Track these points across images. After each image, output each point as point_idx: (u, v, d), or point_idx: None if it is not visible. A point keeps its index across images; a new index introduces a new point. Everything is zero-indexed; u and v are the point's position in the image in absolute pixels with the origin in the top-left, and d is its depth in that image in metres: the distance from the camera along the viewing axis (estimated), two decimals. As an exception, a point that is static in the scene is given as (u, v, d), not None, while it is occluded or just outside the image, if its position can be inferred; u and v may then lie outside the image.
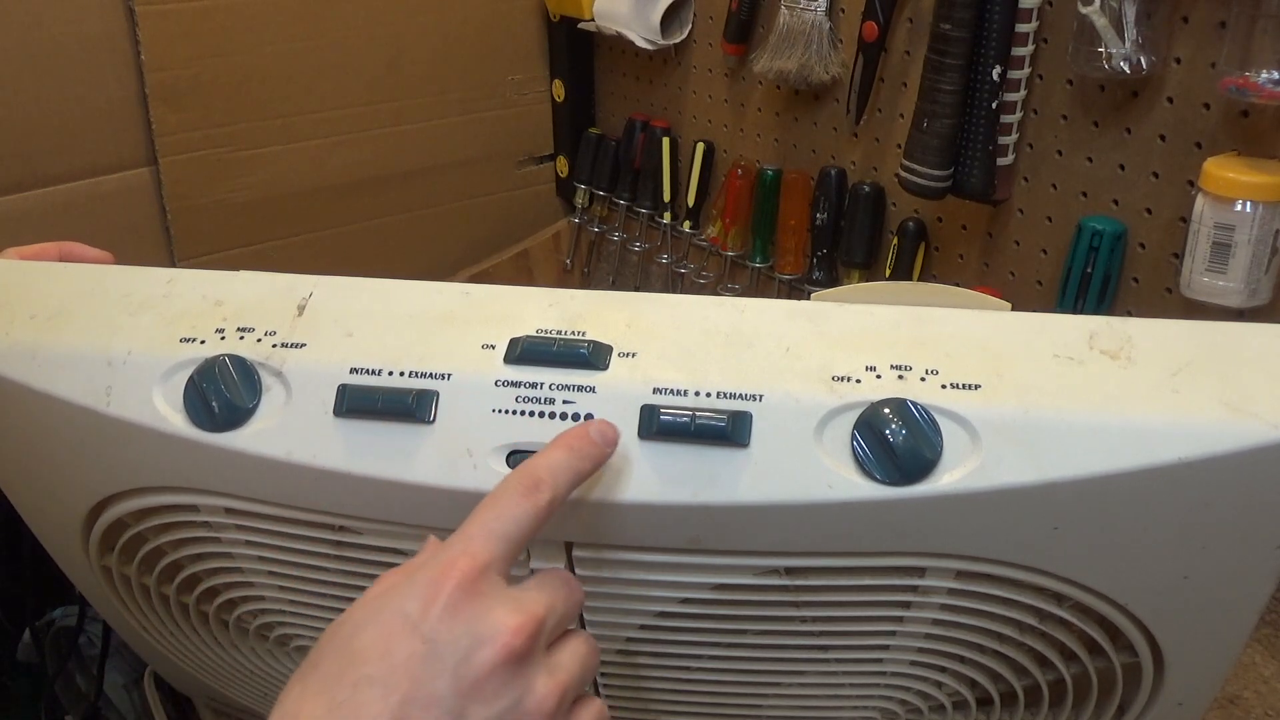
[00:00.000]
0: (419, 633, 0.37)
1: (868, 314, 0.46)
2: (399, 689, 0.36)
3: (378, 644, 0.37)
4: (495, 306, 0.48)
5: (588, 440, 0.42)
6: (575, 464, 0.42)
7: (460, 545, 0.39)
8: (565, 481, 0.41)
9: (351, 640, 0.37)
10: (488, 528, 0.40)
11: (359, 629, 0.38)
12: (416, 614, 0.37)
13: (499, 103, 1.39)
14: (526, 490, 0.40)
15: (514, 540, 0.40)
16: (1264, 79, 0.72)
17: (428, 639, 0.37)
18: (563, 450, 0.42)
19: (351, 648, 0.37)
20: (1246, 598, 0.45)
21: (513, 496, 0.40)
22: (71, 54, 1.09)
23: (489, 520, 0.40)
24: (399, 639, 0.37)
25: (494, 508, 0.40)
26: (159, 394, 0.48)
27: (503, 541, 0.40)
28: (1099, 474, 0.41)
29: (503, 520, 0.40)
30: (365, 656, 0.37)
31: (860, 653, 0.50)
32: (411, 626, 0.37)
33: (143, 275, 0.51)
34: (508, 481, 0.41)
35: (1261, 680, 0.77)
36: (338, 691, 0.36)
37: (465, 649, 0.37)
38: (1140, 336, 0.43)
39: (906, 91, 1.00)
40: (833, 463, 0.43)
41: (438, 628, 0.37)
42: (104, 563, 0.57)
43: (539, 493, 0.40)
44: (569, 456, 0.42)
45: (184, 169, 1.18)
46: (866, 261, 1.08)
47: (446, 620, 0.37)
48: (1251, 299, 0.76)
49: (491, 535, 0.39)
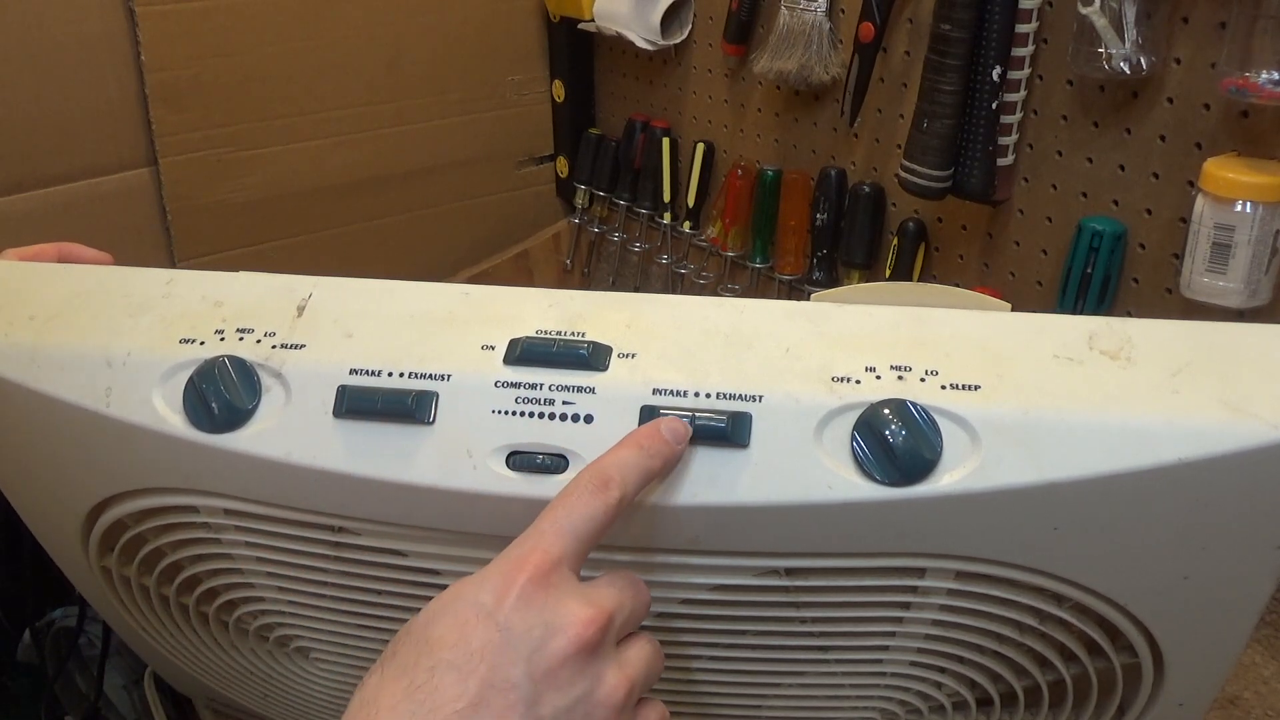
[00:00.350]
0: (494, 621, 0.38)
1: (867, 314, 0.46)
2: (476, 673, 0.37)
3: (453, 632, 0.38)
4: (495, 307, 0.48)
5: (659, 438, 0.43)
6: (645, 462, 0.42)
7: (533, 540, 0.40)
8: (635, 479, 0.42)
9: (427, 629, 0.38)
10: (559, 524, 0.40)
11: (434, 619, 0.38)
12: (491, 604, 0.38)
13: (499, 103, 1.39)
14: (597, 488, 0.41)
15: (585, 537, 0.41)
16: (1264, 79, 0.72)
17: (502, 627, 0.38)
18: (633, 449, 0.42)
19: (428, 636, 0.38)
20: (1246, 598, 0.45)
21: (584, 494, 0.41)
22: (71, 54, 1.09)
23: (560, 517, 0.40)
24: (474, 627, 0.38)
25: (565, 505, 0.41)
26: (158, 395, 0.48)
27: (574, 537, 0.40)
28: (1099, 474, 0.41)
29: (574, 517, 0.40)
30: (442, 643, 0.37)
31: (860, 653, 0.50)
32: (486, 615, 0.38)
33: (142, 276, 0.51)
34: (579, 479, 0.41)
35: (1261, 680, 0.77)
36: (415, 675, 0.37)
37: (539, 638, 0.38)
38: (1140, 337, 0.43)
39: (906, 92, 1.00)
40: (832, 463, 0.43)
41: (512, 617, 0.38)
42: (104, 564, 0.57)
43: (609, 490, 0.41)
44: (639, 455, 0.42)
45: (184, 169, 1.18)
46: (866, 262, 1.08)
47: (520, 610, 0.38)
48: (1251, 299, 0.76)
49: (563, 531, 0.40)
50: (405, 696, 0.37)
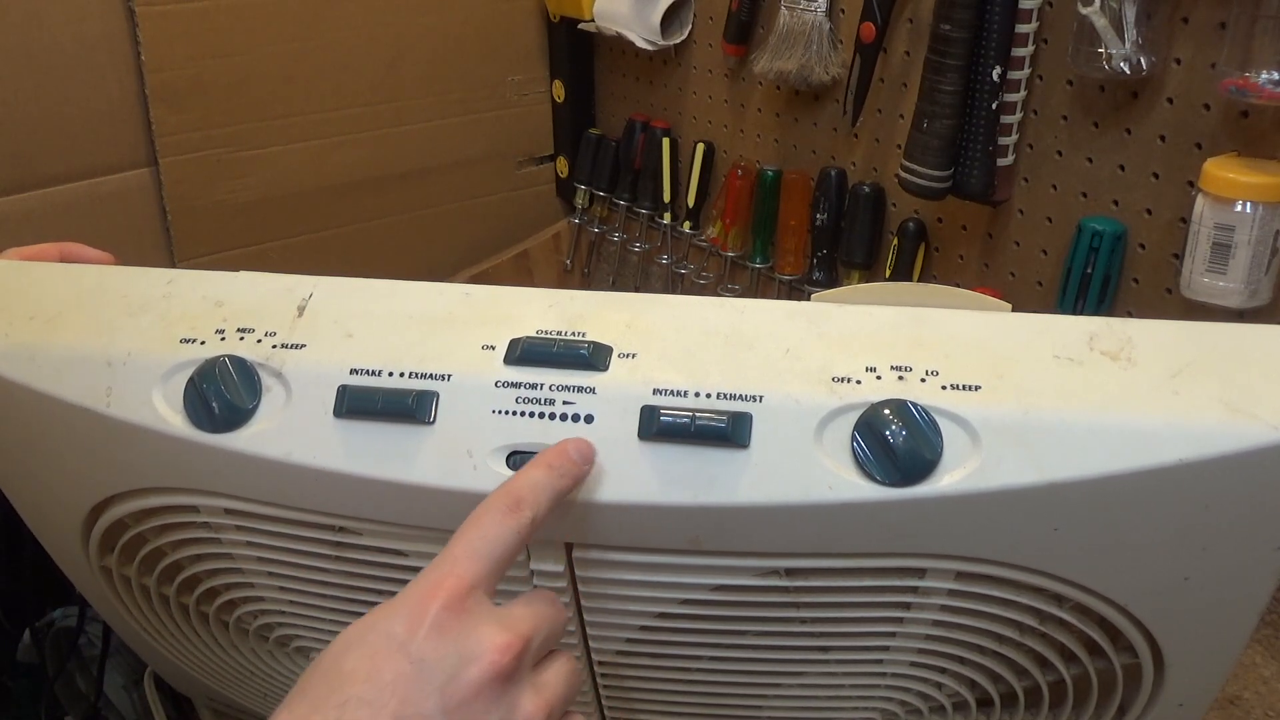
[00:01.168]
0: (406, 652, 0.37)
1: (868, 315, 0.46)
2: (387, 708, 0.36)
3: (365, 664, 0.37)
4: (495, 307, 0.48)
5: (567, 458, 0.43)
6: (555, 482, 0.42)
7: (446, 566, 0.40)
8: (546, 500, 0.42)
9: (339, 662, 0.38)
10: (471, 547, 0.40)
11: (346, 651, 0.38)
12: (403, 634, 0.38)
13: (499, 103, 1.39)
14: (508, 509, 0.41)
15: (497, 559, 0.41)
16: (1264, 80, 0.72)
17: (415, 658, 0.37)
18: (543, 469, 0.42)
19: (339, 669, 0.37)
20: (1246, 599, 0.45)
21: (495, 516, 0.41)
22: (71, 54, 1.09)
23: (473, 540, 0.40)
24: (386, 659, 0.37)
25: (477, 528, 0.41)
26: (159, 395, 0.48)
27: (486, 561, 0.40)
28: (1099, 475, 0.41)
29: (486, 540, 0.40)
30: (353, 677, 0.37)
31: (860, 653, 0.50)
32: (398, 646, 0.37)
33: (143, 276, 0.51)
34: (490, 501, 0.42)
35: (1261, 680, 0.77)
36: (326, 713, 0.36)
37: (452, 667, 0.37)
38: (1140, 337, 0.43)
39: (907, 92, 1.00)
40: (833, 464, 0.43)
41: (424, 647, 0.37)
42: (104, 563, 0.57)
43: (521, 512, 0.41)
44: (549, 475, 0.42)
45: (184, 169, 1.18)
46: (866, 262, 1.08)
47: (433, 639, 0.38)
48: (1251, 299, 0.76)
49: (475, 555, 0.40)
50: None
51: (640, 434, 0.44)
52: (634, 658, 0.52)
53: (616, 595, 0.48)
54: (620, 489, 0.44)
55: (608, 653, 0.52)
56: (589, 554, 0.47)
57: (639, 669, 0.53)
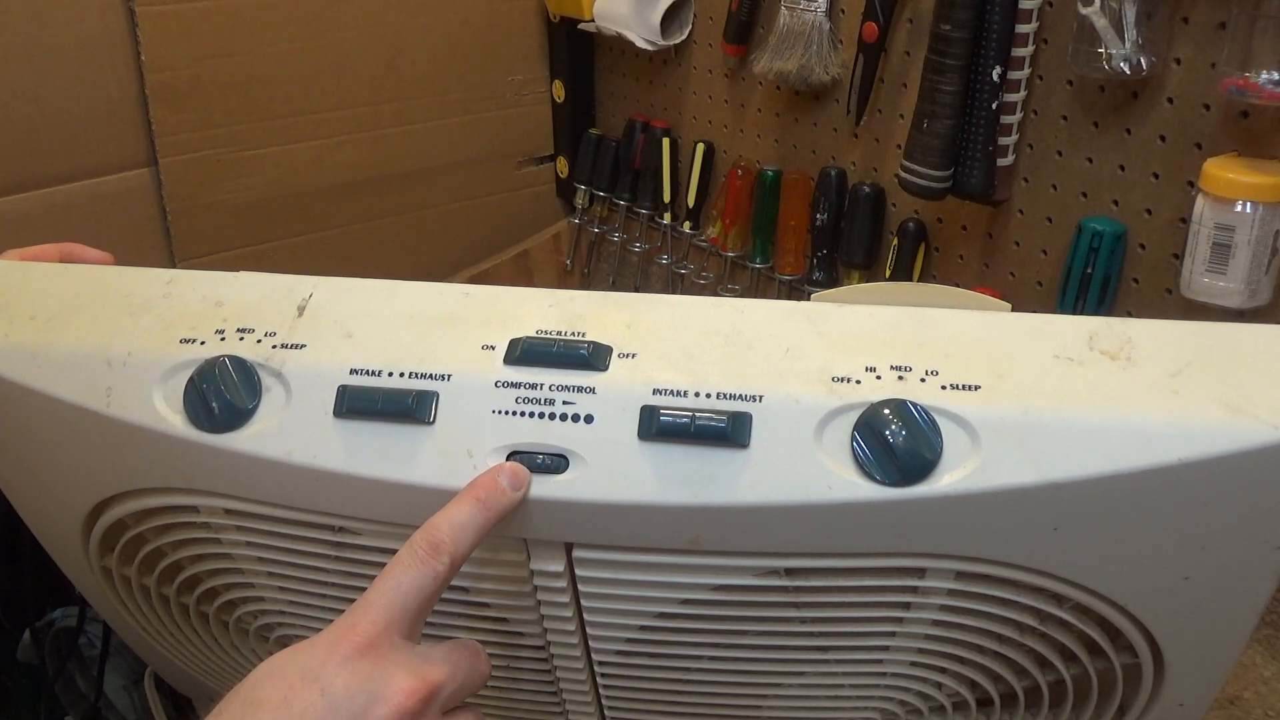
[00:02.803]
0: (318, 685, 0.39)
1: (868, 315, 0.46)
2: None
3: (278, 694, 0.39)
4: (495, 307, 0.48)
5: (497, 490, 0.43)
6: (481, 518, 0.43)
7: (362, 610, 0.41)
8: (469, 540, 0.43)
9: (254, 691, 0.39)
10: (386, 596, 0.41)
11: (261, 681, 0.40)
12: (316, 667, 0.39)
13: (499, 103, 1.39)
14: (427, 555, 0.42)
15: (413, 606, 0.42)
16: (1264, 80, 0.72)
17: (325, 692, 0.39)
18: (469, 504, 0.43)
19: (254, 698, 0.39)
20: (1246, 598, 0.45)
21: (414, 564, 0.42)
22: (71, 54, 1.09)
23: (388, 589, 0.42)
24: (299, 691, 0.39)
25: (394, 576, 0.42)
26: (159, 395, 0.48)
27: (401, 608, 0.41)
28: (1099, 475, 0.41)
29: (402, 588, 0.42)
30: (266, 705, 0.39)
31: (860, 653, 0.50)
32: (312, 679, 0.39)
33: (142, 276, 0.51)
34: (411, 546, 0.43)
35: (1261, 680, 0.77)
36: None
37: (361, 705, 0.39)
38: (1140, 337, 0.43)
39: (906, 92, 1.00)
40: (833, 463, 0.43)
41: (335, 682, 0.39)
42: (104, 564, 0.57)
43: (439, 556, 0.42)
44: (475, 511, 0.43)
45: (184, 169, 1.18)
46: (866, 262, 1.08)
47: (345, 675, 0.39)
48: (1251, 299, 0.76)
49: (390, 604, 0.41)
50: None
51: (640, 434, 0.44)
52: (634, 658, 0.52)
53: (616, 595, 0.48)
54: (620, 489, 0.44)
55: (608, 653, 0.52)
56: (589, 554, 0.47)
57: (639, 669, 0.53)
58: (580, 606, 0.50)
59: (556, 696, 0.56)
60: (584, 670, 0.53)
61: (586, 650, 0.52)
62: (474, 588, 0.50)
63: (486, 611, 0.52)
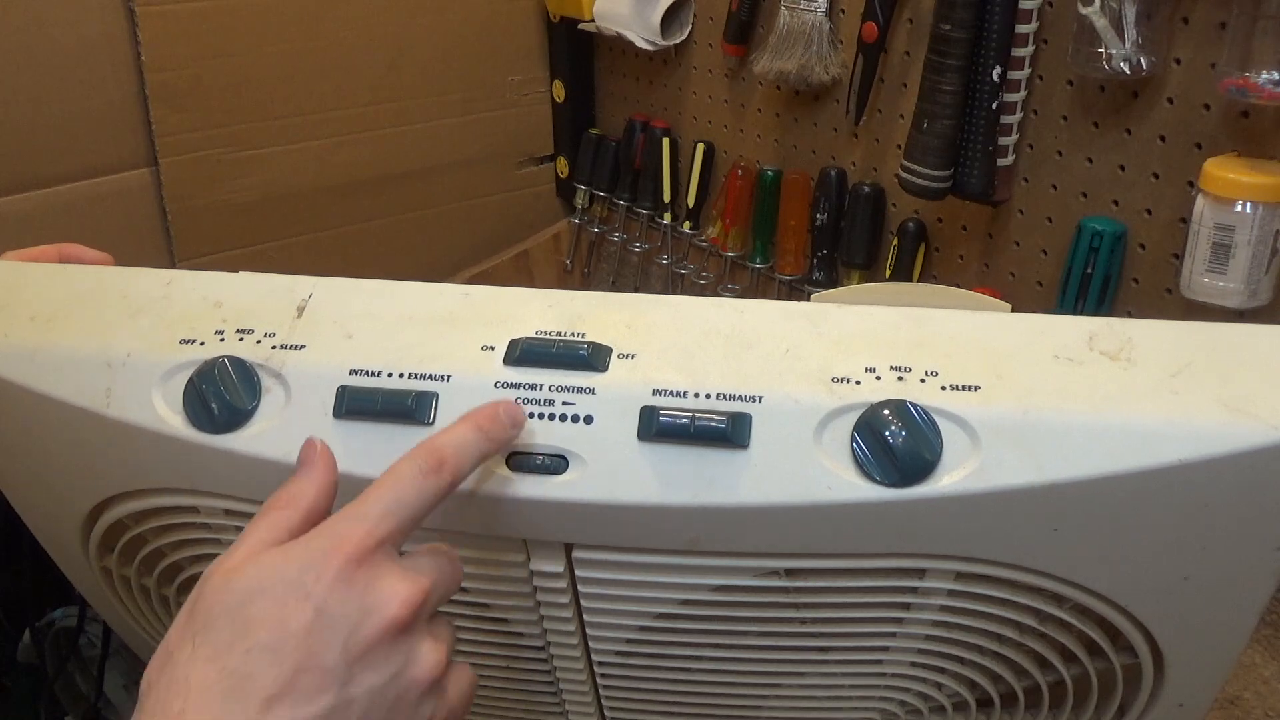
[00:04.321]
0: (311, 602, 0.38)
1: (868, 315, 0.46)
2: (291, 657, 0.37)
3: (272, 612, 0.38)
4: (495, 308, 0.48)
5: (497, 421, 0.43)
6: (482, 445, 0.43)
7: (357, 519, 0.40)
8: (469, 462, 0.42)
9: (245, 606, 0.38)
10: (385, 504, 0.41)
11: (252, 596, 0.38)
12: (310, 583, 0.38)
13: (499, 103, 1.39)
14: (430, 470, 0.41)
15: (410, 518, 0.41)
16: (1264, 80, 0.72)
17: (319, 608, 0.38)
18: (471, 429, 0.43)
19: (246, 614, 0.38)
20: (1246, 599, 0.45)
21: (415, 476, 0.41)
22: (71, 54, 1.09)
23: (388, 498, 0.41)
24: (293, 609, 0.38)
25: (394, 485, 0.41)
26: (158, 396, 0.48)
27: (398, 520, 0.41)
28: (1099, 475, 0.41)
29: (401, 500, 0.41)
30: (259, 624, 0.38)
31: (860, 654, 0.50)
32: (305, 595, 0.38)
33: (142, 276, 0.51)
34: (412, 456, 0.42)
35: (1261, 680, 0.77)
36: (230, 659, 0.37)
37: (355, 620, 0.39)
38: (1140, 337, 0.43)
39: (906, 92, 1.00)
40: (832, 464, 0.43)
41: (330, 598, 0.38)
42: (104, 564, 0.57)
43: (441, 473, 0.42)
44: (477, 437, 0.43)
45: (184, 169, 1.18)
46: (866, 262, 1.08)
47: (339, 591, 0.39)
48: (1251, 300, 0.76)
49: (389, 513, 0.41)
50: (219, 679, 0.37)
51: (640, 434, 0.44)
52: (634, 658, 0.52)
53: (616, 595, 0.48)
54: (620, 489, 0.44)
55: (608, 653, 0.52)
56: (589, 554, 0.47)
57: (639, 669, 0.53)
58: (580, 607, 0.50)
59: (556, 696, 0.56)
60: (584, 670, 0.53)
61: (586, 650, 0.52)
62: (474, 588, 0.50)
63: (486, 611, 0.52)
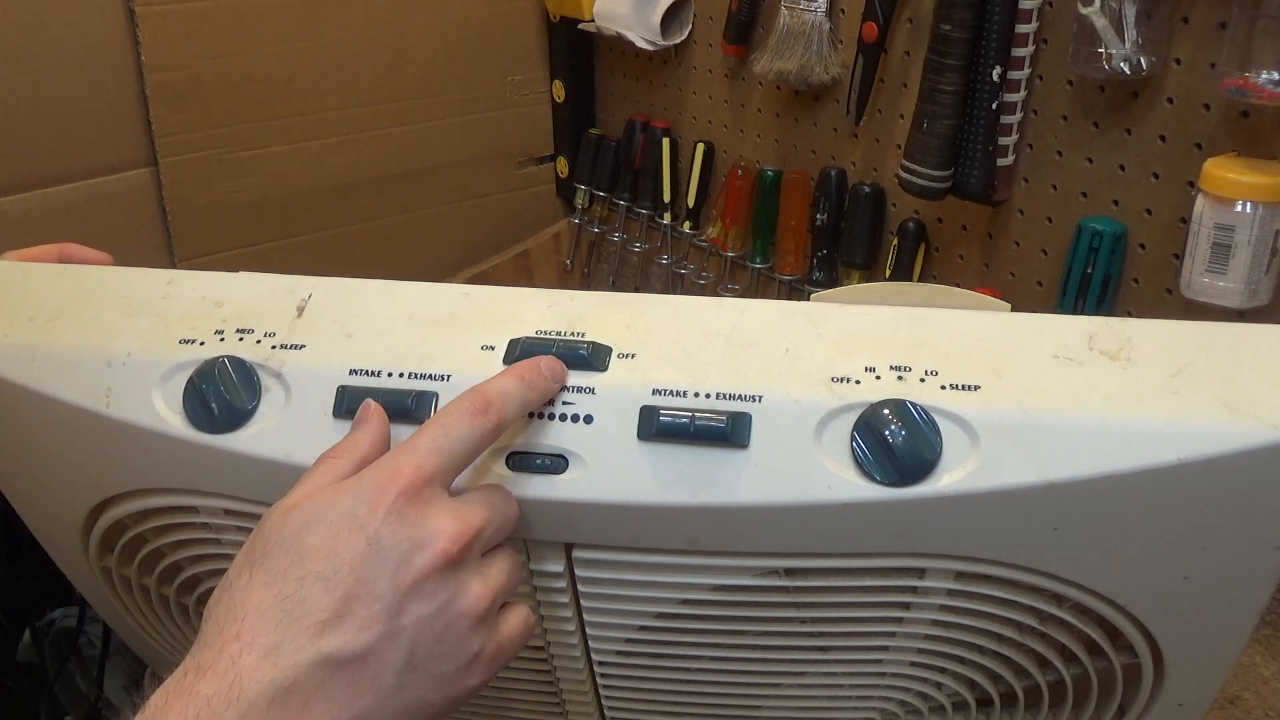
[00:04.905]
0: (364, 533, 0.39)
1: (867, 315, 0.46)
2: (343, 585, 0.38)
3: (326, 542, 0.39)
4: (495, 307, 0.48)
5: (539, 373, 0.44)
6: (525, 394, 0.44)
7: (408, 455, 0.41)
8: (514, 408, 0.43)
9: (300, 536, 0.40)
10: (436, 442, 0.42)
11: (307, 525, 0.40)
12: (364, 515, 0.40)
13: (499, 103, 1.39)
14: (477, 411, 0.42)
15: (459, 456, 0.42)
16: (1264, 80, 0.71)
17: (372, 540, 0.39)
18: (515, 379, 0.44)
19: (301, 543, 0.39)
20: (1246, 598, 0.45)
21: (464, 415, 0.42)
22: (71, 54, 1.09)
23: (438, 435, 0.42)
24: (346, 539, 0.39)
25: (443, 424, 0.42)
26: (158, 395, 0.48)
27: (448, 456, 0.42)
28: (1098, 475, 0.41)
29: (450, 437, 0.42)
30: (314, 553, 0.39)
31: (860, 653, 0.50)
32: (358, 526, 0.39)
33: (142, 277, 0.51)
34: (460, 401, 0.43)
35: (1261, 680, 0.77)
36: (285, 584, 0.39)
37: (406, 552, 0.40)
38: (1140, 337, 0.43)
39: (906, 92, 1.00)
40: (832, 464, 0.43)
41: (381, 530, 0.39)
42: (104, 564, 0.57)
43: (488, 415, 0.42)
44: (520, 386, 0.44)
45: (184, 169, 1.18)
46: (866, 262, 1.08)
47: (391, 523, 0.40)
48: (1251, 299, 0.76)
49: (439, 449, 0.42)
50: (274, 604, 0.38)
51: (640, 434, 0.44)
52: (634, 658, 0.52)
53: (616, 595, 0.48)
54: (620, 489, 0.44)
55: (608, 653, 0.52)
56: (589, 554, 0.47)
57: (639, 669, 0.53)
58: (580, 606, 0.50)
59: (556, 696, 0.56)
60: (584, 670, 0.53)
61: (586, 650, 0.52)
62: (474, 588, 0.50)
63: (486, 612, 0.52)
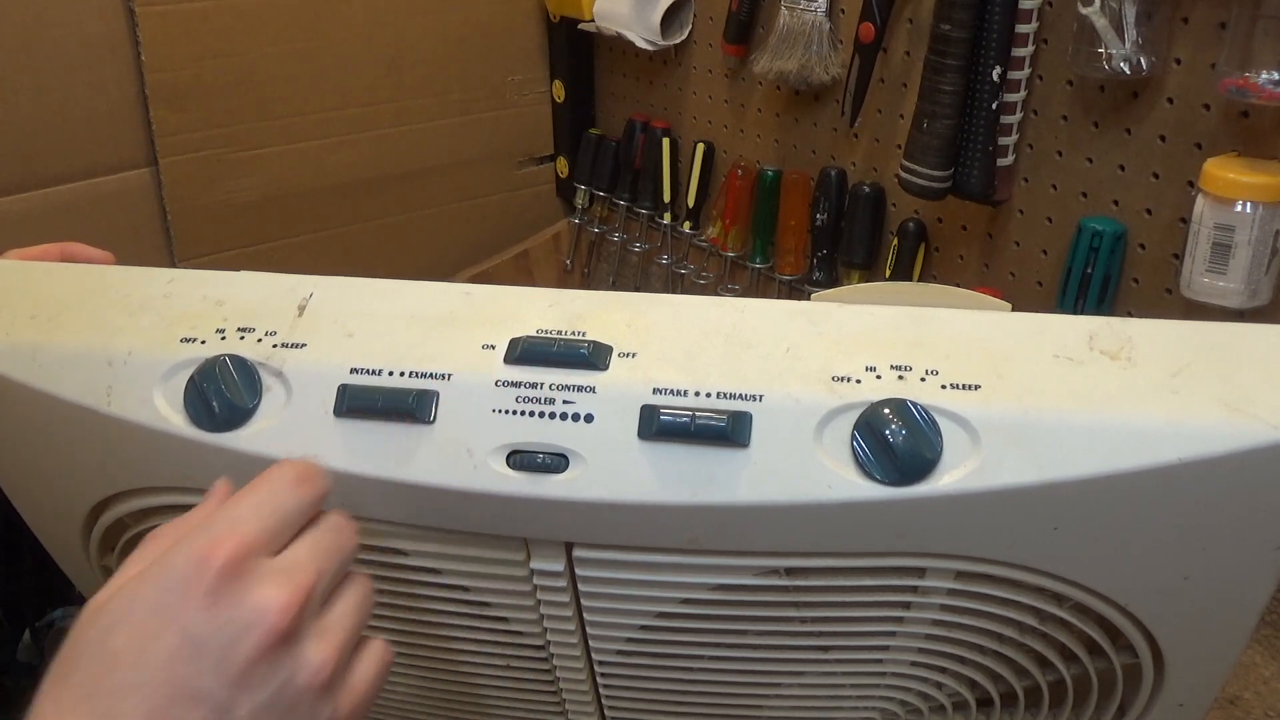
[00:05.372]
0: (178, 626, 0.35)
1: (868, 314, 0.46)
2: (160, 691, 0.34)
3: (133, 645, 0.35)
4: (495, 307, 0.48)
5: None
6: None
7: (226, 526, 0.37)
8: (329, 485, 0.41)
9: (106, 640, 0.35)
10: (259, 508, 0.38)
11: (113, 627, 0.35)
12: (174, 606, 0.35)
13: (499, 103, 1.39)
14: (302, 478, 0.40)
15: (285, 526, 0.39)
16: (1264, 80, 0.72)
17: (188, 634, 0.35)
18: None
19: (108, 649, 0.35)
20: (1246, 598, 0.45)
21: (289, 481, 0.40)
22: (72, 54, 1.09)
23: (261, 500, 0.38)
24: (156, 637, 0.35)
25: (268, 488, 0.39)
26: (159, 394, 0.48)
27: (273, 522, 0.38)
28: (1099, 474, 0.41)
29: (277, 504, 0.39)
30: (123, 659, 0.35)
31: (860, 653, 0.50)
32: (169, 619, 0.35)
33: (143, 275, 0.51)
34: (282, 466, 0.40)
35: (1261, 680, 0.77)
36: (96, 703, 0.34)
37: (229, 638, 0.35)
38: (1140, 337, 0.43)
39: (907, 92, 1.00)
40: (832, 463, 0.43)
41: (198, 619, 0.35)
42: (105, 563, 0.57)
43: (314, 483, 0.40)
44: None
45: (184, 169, 1.18)
46: (866, 262, 1.08)
47: (207, 610, 0.35)
48: (1251, 299, 0.76)
49: (261, 516, 0.38)
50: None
51: (640, 433, 0.44)
52: (634, 658, 0.52)
53: (616, 595, 0.48)
54: (620, 488, 0.44)
55: (608, 653, 0.52)
56: (589, 554, 0.47)
57: (639, 669, 0.53)
58: (580, 606, 0.50)
59: (556, 696, 0.56)
60: (584, 670, 0.53)
61: (586, 650, 0.52)
62: (474, 587, 0.50)
63: (486, 611, 0.52)
